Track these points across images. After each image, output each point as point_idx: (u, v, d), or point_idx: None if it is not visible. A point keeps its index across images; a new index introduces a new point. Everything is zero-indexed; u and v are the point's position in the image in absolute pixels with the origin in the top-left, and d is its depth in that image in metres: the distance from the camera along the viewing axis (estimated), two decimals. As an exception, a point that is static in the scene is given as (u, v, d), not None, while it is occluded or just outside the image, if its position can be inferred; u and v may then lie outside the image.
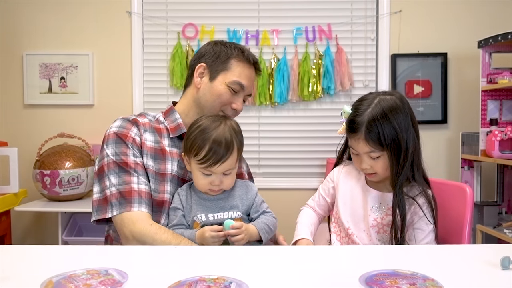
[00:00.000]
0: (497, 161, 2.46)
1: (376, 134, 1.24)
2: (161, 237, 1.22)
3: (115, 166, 1.29)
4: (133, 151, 1.31)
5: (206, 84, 1.41)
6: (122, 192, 1.26)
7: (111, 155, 1.30)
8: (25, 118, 3.02)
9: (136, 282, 0.88)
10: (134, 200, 1.26)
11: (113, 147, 1.31)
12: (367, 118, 1.25)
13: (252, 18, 3.01)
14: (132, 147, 1.32)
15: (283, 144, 3.05)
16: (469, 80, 2.95)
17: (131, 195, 1.26)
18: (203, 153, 1.24)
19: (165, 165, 1.35)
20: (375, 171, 1.29)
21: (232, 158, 1.26)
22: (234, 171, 1.31)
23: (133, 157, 1.31)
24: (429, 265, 0.99)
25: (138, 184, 1.28)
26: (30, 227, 3.07)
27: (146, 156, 1.33)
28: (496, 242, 2.47)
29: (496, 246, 1.13)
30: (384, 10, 2.96)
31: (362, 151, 1.28)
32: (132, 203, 1.25)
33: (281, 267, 1.00)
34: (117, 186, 1.27)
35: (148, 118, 1.42)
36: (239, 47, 1.44)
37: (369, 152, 1.27)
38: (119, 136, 1.32)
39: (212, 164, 1.24)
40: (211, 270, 0.94)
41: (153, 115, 1.46)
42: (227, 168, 1.27)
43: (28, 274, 0.95)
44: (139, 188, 1.28)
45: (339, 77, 2.95)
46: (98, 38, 3.00)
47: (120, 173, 1.28)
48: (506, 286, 0.88)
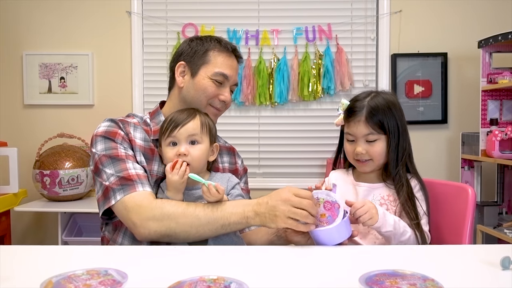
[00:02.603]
0: (497, 161, 2.46)
1: (376, 116, 1.31)
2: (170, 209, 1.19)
3: (108, 159, 1.27)
4: (123, 145, 1.30)
5: (189, 81, 1.39)
6: (122, 178, 1.24)
7: (101, 151, 1.28)
8: (25, 118, 3.01)
9: (136, 282, 0.88)
10: (136, 181, 1.23)
11: (102, 144, 1.29)
12: (368, 103, 1.33)
13: (252, 18, 3.01)
14: (122, 142, 1.30)
15: (283, 144, 3.05)
16: (469, 80, 2.95)
17: (132, 178, 1.24)
18: (166, 123, 1.29)
19: (152, 165, 1.34)
20: (370, 157, 1.33)
21: (194, 122, 1.28)
22: (203, 145, 1.29)
23: (123, 150, 1.29)
24: (429, 265, 0.99)
25: (135, 169, 1.26)
26: (30, 227, 3.06)
27: (137, 154, 1.32)
28: (496, 242, 2.47)
29: (496, 246, 1.13)
30: (384, 10, 2.96)
31: (361, 133, 1.33)
32: (136, 184, 1.23)
33: (281, 267, 1.00)
34: (115, 174, 1.24)
35: (136, 119, 1.40)
36: (214, 38, 1.43)
37: (367, 135, 1.32)
38: (106, 135, 1.31)
39: (173, 128, 1.27)
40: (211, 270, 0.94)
41: (141, 116, 1.44)
42: (191, 132, 1.27)
43: (28, 274, 0.95)
44: (137, 172, 1.26)
45: (339, 77, 2.95)
46: (98, 38, 3.00)
47: (115, 163, 1.26)
48: (506, 286, 0.88)
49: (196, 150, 1.28)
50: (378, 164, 1.36)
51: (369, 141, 1.33)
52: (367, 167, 1.36)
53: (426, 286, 0.84)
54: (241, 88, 2.96)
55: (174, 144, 1.28)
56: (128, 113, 1.46)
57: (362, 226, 1.31)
